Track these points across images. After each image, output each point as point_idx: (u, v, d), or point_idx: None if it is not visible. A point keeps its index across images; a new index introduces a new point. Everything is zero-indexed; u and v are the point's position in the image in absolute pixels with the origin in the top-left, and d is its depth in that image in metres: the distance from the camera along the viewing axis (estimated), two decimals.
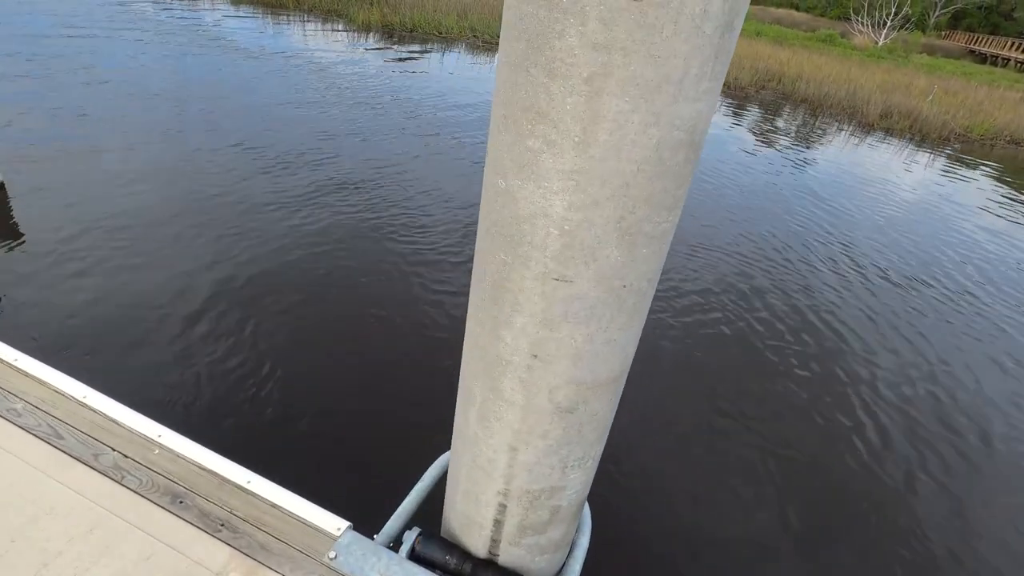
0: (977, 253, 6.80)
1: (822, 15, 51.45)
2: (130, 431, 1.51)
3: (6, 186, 4.33)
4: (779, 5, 54.25)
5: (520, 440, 1.09)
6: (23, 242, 3.87)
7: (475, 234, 1.03)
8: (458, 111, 8.96)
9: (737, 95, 14.88)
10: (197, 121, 6.56)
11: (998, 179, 10.73)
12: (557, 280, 0.89)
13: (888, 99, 14.44)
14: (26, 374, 1.61)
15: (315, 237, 4.49)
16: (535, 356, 0.98)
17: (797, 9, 53.60)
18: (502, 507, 1.21)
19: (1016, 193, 9.95)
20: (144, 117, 6.41)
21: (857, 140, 12.22)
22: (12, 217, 4.10)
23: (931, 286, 5.66)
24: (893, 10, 34.56)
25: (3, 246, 3.79)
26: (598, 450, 1.21)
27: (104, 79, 7.44)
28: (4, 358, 1.66)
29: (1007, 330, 5.06)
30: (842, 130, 12.91)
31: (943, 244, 6.90)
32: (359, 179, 5.73)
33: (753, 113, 13.49)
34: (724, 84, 15.10)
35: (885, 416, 3.67)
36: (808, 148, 10.93)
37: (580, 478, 1.21)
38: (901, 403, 3.82)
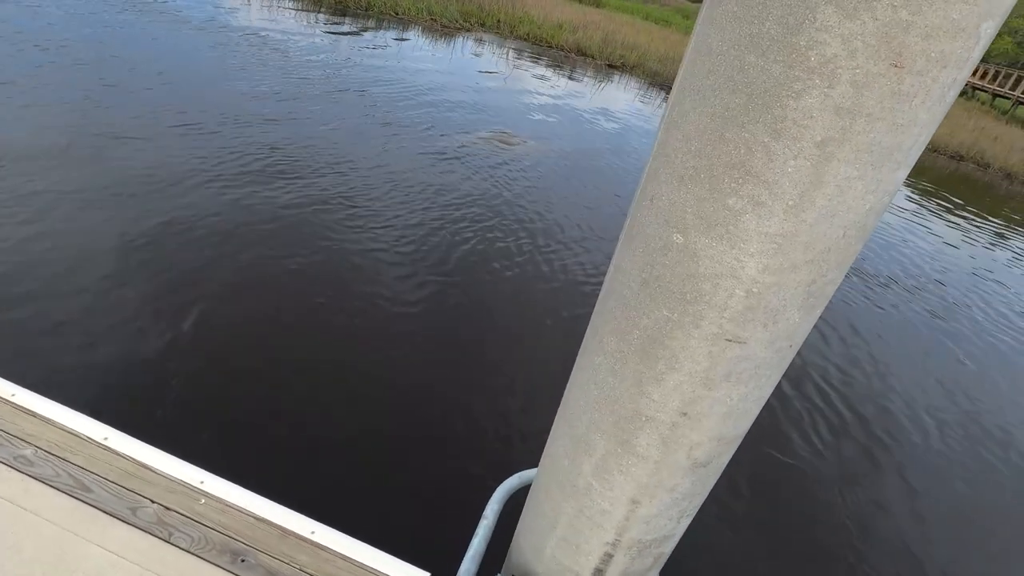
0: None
1: None
2: (168, 479, 1.34)
3: None
4: None
5: (645, 494, 1.05)
6: None
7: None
8: (425, 99, 8.70)
9: None
10: (119, 96, 6.01)
11: None
12: (729, 341, 0.84)
13: None
14: (31, 413, 1.41)
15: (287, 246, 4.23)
16: (684, 414, 0.93)
17: None
18: (607, 556, 1.16)
19: None
20: (61, 95, 5.79)
21: None
22: None
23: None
24: None
25: None
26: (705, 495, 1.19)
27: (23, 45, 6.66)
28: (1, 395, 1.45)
29: None
30: None
31: None
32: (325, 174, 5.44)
33: None
34: None
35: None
36: None
37: (687, 524, 1.18)
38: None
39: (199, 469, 1.36)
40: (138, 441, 1.38)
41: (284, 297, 3.65)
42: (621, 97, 13.03)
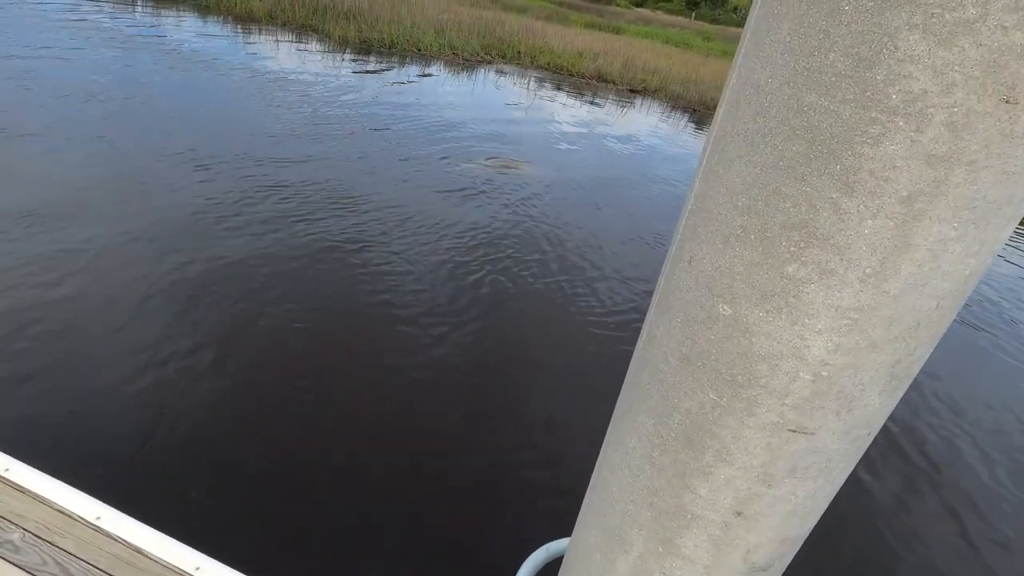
0: None
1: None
2: (162, 564, 1.23)
3: None
4: (739, 25, 56.24)
5: None
6: None
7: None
8: (454, 133, 8.77)
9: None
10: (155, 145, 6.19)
11: None
12: (793, 431, 0.70)
13: None
14: (23, 490, 1.31)
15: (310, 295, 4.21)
16: (739, 514, 0.78)
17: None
18: None
19: None
20: (78, 144, 6.00)
21: None
22: None
23: None
24: None
25: None
26: None
27: (65, 94, 6.97)
28: None
29: None
30: None
31: None
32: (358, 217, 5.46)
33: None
34: (702, 103, 15.38)
35: None
36: None
37: None
38: None
39: (197, 553, 1.24)
40: (133, 521, 1.28)
41: (299, 352, 3.59)
42: (645, 121, 12.96)
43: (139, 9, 13.73)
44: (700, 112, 15.20)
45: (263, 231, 4.71)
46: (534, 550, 1.43)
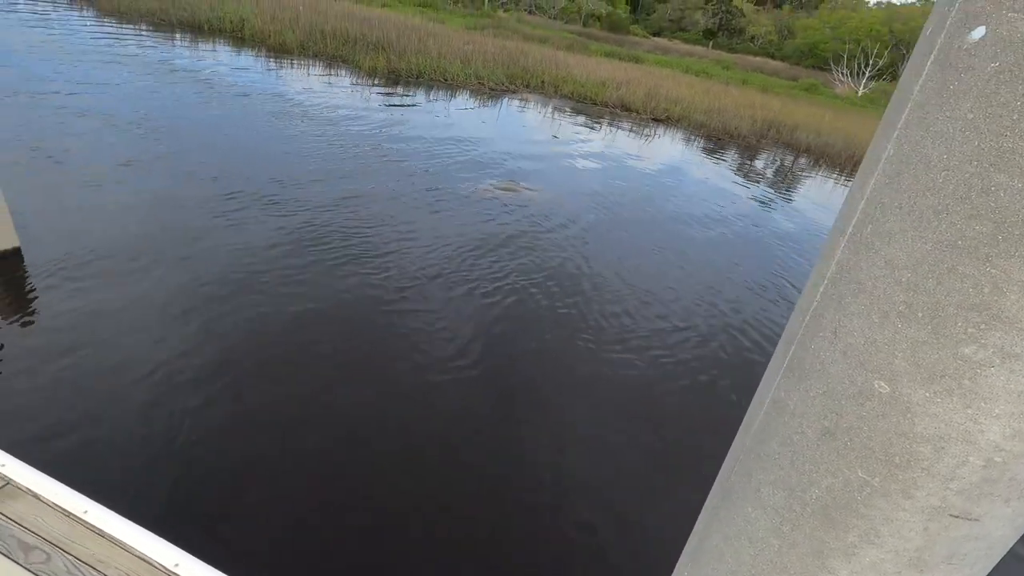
0: None
1: (797, 63, 53.74)
2: None
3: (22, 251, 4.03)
4: (756, 54, 56.69)
5: None
6: (27, 313, 3.55)
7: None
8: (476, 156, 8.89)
9: (741, 144, 15.14)
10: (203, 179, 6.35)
11: None
12: (956, 517, 0.66)
13: None
14: (101, 533, 1.31)
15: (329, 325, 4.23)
16: None
17: (772, 57, 55.98)
18: None
19: None
20: (145, 172, 6.18)
21: None
22: (28, 286, 3.78)
23: None
24: (871, 60, 36.09)
25: (15, 320, 3.47)
26: None
27: (115, 128, 7.23)
28: (71, 510, 1.37)
29: None
30: (850, 181, 13.12)
31: None
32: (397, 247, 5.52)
33: (763, 164, 13.68)
34: (726, 132, 15.42)
35: None
36: (834, 205, 11.04)
37: None
38: None
39: None
40: (211, 569, 1.26)
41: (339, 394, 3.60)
42: (672, 150, 13.01)
43: (178, 42, 14.31)
44: (725, 141, 15.22)
45: (304, 266, 4.78)
46: None
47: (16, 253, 3.98)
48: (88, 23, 14.46)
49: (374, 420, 3.25)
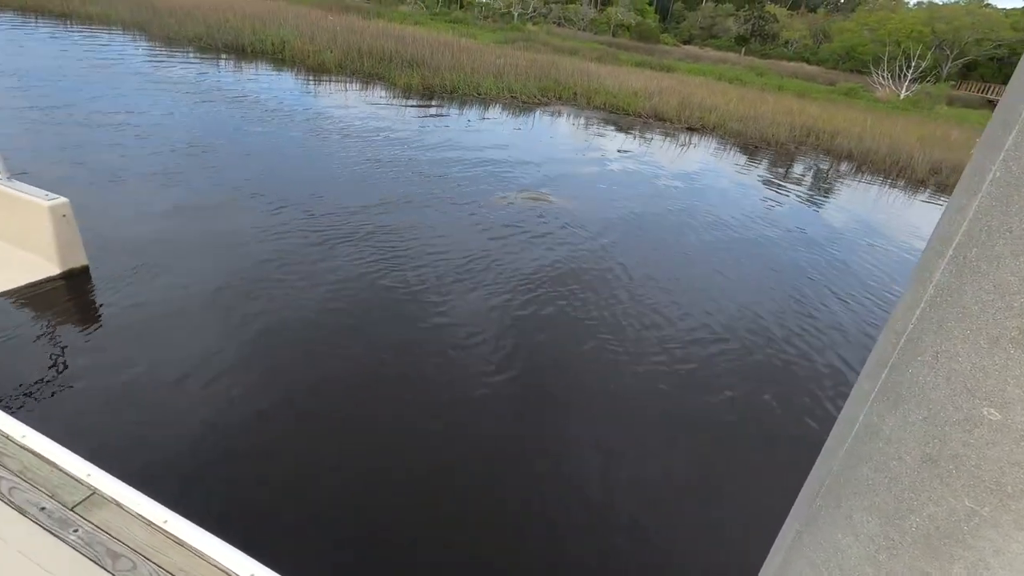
0: None
1: (834, 68, 52.48)
2: None
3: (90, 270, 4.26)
4: (790, 59, 55.61)
5: None
6: (99, 329, 3.74)
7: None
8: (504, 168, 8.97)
9: (779, 152, 14.85)
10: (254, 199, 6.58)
11: None
12: None
13: (930, 153, 14.26)
14: (180, 543, 1.37)
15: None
16: None
17: (808, 62, 54.82)
18: None
19: None
20: (195, 187, 6.44)
21: (917, 198, 12.03)
22: (96, 302, 3.99)
23: None
24: (914, 63, 34.96)
25: (84, 332, 3.66)
26: None
27: (161, 144, 7.59)
28: (152, 519, 1.43)
29: None
30: (894, 187, 12.72)
31: None
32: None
33: (805, 170, 13.39)
34: (763, 140, 15.17)
35: None
36: (879, 212, 10.72)
37: None
38: None
39: None
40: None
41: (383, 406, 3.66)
42: (707, 158, 12.86)
43: (223, 65, 14.94)
44: (762, 149, 14.95)
45: (348, 271, 4.90)
46: None
47: (85, 271, 4.21)
48: (140, 49, 15.25)
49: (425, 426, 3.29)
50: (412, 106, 13.32)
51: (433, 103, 14.11)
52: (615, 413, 3.76)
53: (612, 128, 14.64)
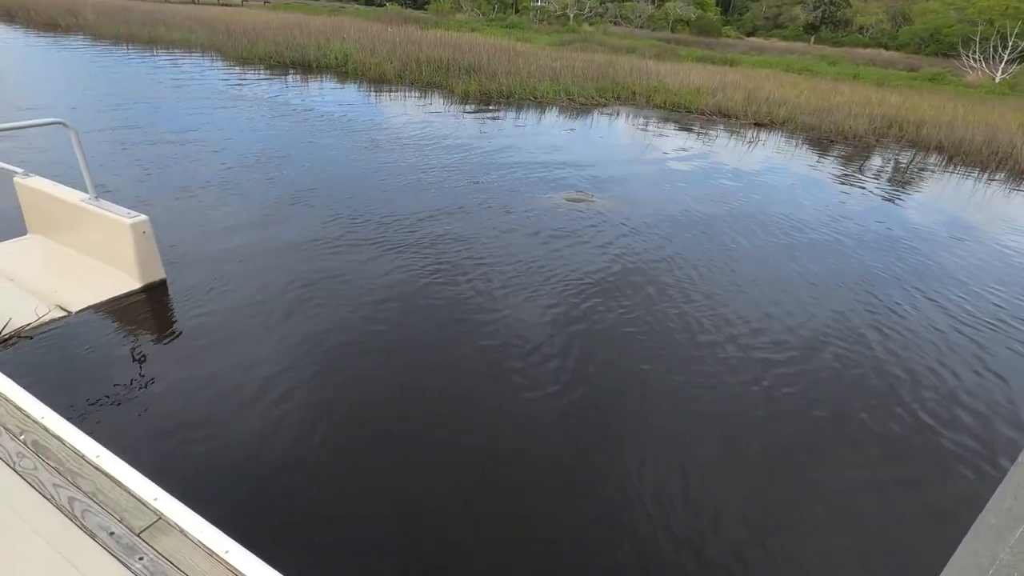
0: None
1: (916, 52, 48.70)
2: None
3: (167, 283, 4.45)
4: (866, 45, 52.09)
5: None
6: (174, 342, 3.87)
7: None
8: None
9: (857, 146, 13.87)
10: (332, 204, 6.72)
11: None
12: None
13: None
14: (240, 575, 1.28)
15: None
16: None
17: (886, 48, 51.16)
18: None
19: None
20: (267, 200, 6.65)
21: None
22: (171, 317, 4.16)
23: None
24: (1011, 42, 31.88)
25: (159, 346, 3.81)
26: None
27: (224, 161, 7.93)
28: (214, 549, 1.37)
29: None
30: (993, 180, 11.58)
31: None
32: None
33: (885, 164, 12.44)
34: (839, 133, 14.22)
35: None
36: (981, 208, 9.80)
37: None
38: None
39: None
40: None
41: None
42: (777, 155, 12.17)
43: (290, 80, 15.60)
44: (838, 143, 14.00)
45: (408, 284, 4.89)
46: None
47: (162, 285, 4.40)
48: (217, 69, 16.18)
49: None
50: (469, 112, 13.38)
51: (490, 108, 14.13)
52: (690, 440, 3.51)
53: (673, 126, 14.14)
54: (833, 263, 6.53)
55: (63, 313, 3.91)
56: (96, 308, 4.04)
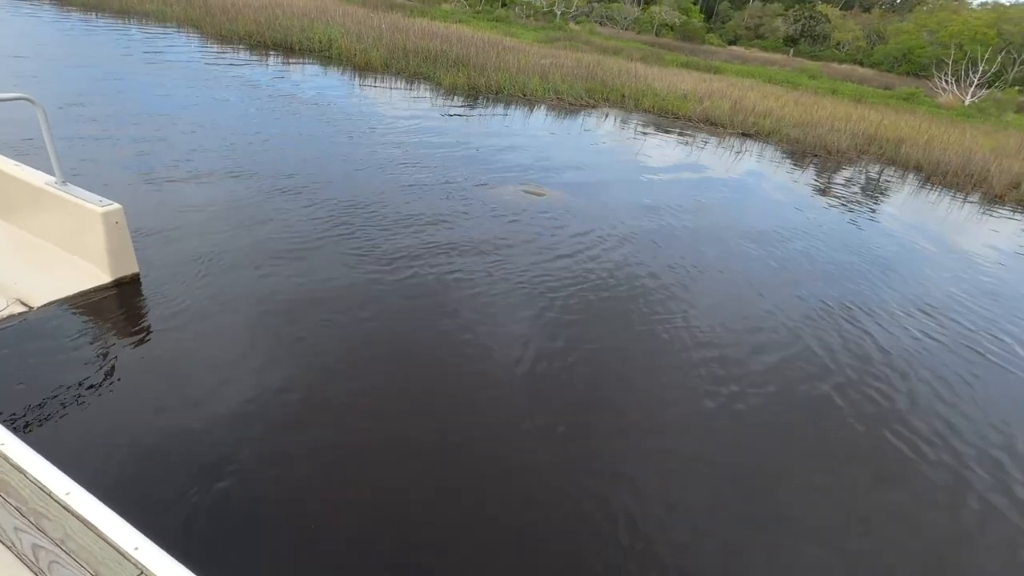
0: None
1: (889, 71, 50.08)
2: None
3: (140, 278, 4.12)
4: (842, 60, 53.29)
5: None
6: (144, 345, 3.56)
7: None
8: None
9: (839, 161, 14.07)
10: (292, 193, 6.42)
11: None
12: None
13: (1008, 165, 13.27)
14: None
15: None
16: None
17: (861, 65, 52.44)
18: None
19: None
20: (232, 190, 6.31)
21: (999, 216, 11.18)
22: (143, 316, 3.83)
23: None
24: (980, 67, 33.03)
25: (130, 349, 3.50)
26: None
27: (201, 143, 7.52)
28: None
29: None
30: (969, 202, 11.87)
31: None
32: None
33: (869, 181, 12.64)
34: (823, 147, 14.43)
35: None
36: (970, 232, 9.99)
37: None
38: None
39: None
40: None
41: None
42: (766, 167, 12.23)
43: (271, 62, 15.01)
44: (822, 157, 14.19)
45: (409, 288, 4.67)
46: None
47: (135, 279, 4.06)
48: (193, 46, 15.46)
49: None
50: (457, 106, 13.08)
51: (478, 104, 13.85)
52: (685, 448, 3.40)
53: (663, 134, 14.11)
54: (821, 280, 6.55)
55: (23, 308, 3.56)
56: (61, 303, 3.69)
